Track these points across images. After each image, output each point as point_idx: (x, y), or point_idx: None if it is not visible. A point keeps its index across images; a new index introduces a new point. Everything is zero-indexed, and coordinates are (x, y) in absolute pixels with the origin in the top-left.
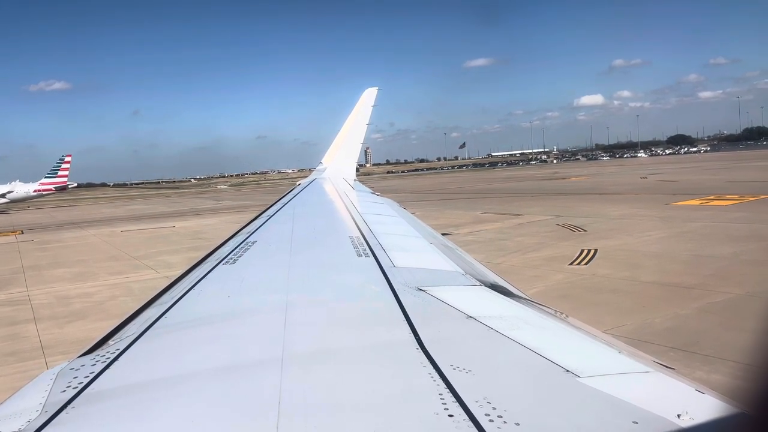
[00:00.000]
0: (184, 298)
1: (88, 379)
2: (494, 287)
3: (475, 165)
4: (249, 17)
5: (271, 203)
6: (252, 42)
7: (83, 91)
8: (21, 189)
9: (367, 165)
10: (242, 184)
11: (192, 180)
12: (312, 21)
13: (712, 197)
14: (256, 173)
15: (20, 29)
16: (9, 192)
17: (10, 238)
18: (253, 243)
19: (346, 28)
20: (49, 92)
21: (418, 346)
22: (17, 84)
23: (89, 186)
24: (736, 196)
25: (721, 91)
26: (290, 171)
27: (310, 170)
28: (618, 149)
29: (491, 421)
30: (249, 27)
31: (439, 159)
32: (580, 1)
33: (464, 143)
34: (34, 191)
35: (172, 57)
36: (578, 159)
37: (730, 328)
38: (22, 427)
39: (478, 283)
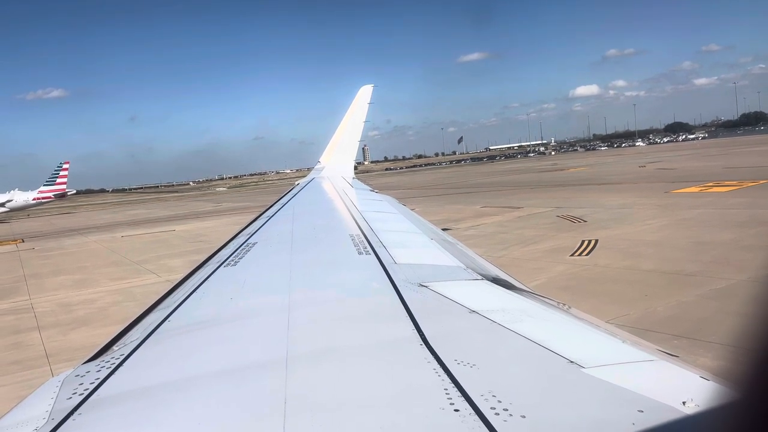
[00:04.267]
0: (186, 301)
1: (93, 386)
2: (496, 281)
3: (473, 159)
4: (242, 18)
5: (270, 204)
6: (246, 43)
7: (80, 98)
8: (20, 197)
9: (365, 163)
10: (241, 185)
11: (191, 183)
12: (305, 20)
13: (711, 184)
14: (255, 174)
15: (17, 38)
16: (8, 201)
17: (11, 247)
18: (254, 244)
19: (339, 27)
20: (47, 100)
21: (422, 342)
22: (14, 93)
23: (88, 192)
24: (735, 182)
25: (716, 78)
26: (288, 171)
27: (309, 170)
28: (616, 139)
29: (497, 414)
30: (242, 28)
31: (437, 154)
32: None
33: (461, 138)
34: (34, 199)
35: (168, 62)
36: (576, 150)
37: (732, 314)
38: None
39: (480, 277)
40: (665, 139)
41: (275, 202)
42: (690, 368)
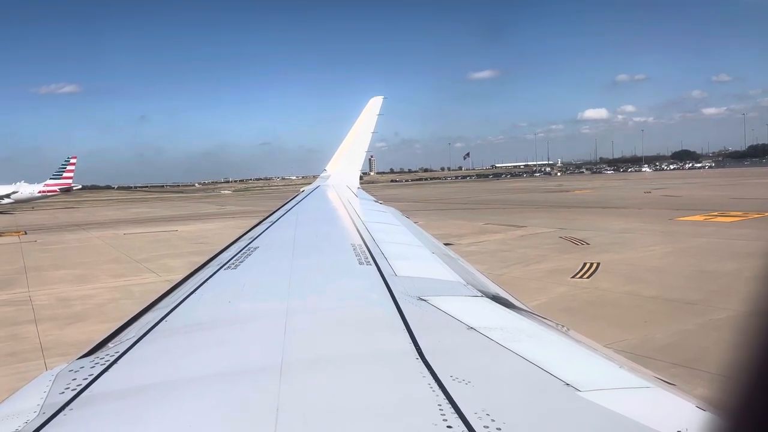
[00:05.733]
0: (184, 302)
1: (86, 381)
2: (496, 298)
3: (479, 176)
4: (256, 25)
5: (274, 209)
6: (258, 49)
7: (91, 94)
8: (26, 190)
9: (371, 173)
10: (246, 189)
11: (196, 185)
12: (318, 30)
13: (716, 213)
14: (260, 179)
15: (34, 32)
16: (14, 192)
17: (14, 239)
18: (256, 248)
19: (352, 37)
20: (58, 95)
21: (418, 356)
22: (26, 86)
23: (93, 188)
24: (740, 213)
25: (725, 108)
26: (294, 177)
27: (314, 177)
28: (622, 163)
29: None
30: (255, 35)
31: (443, 169)
32: (583, 16)
33: (468, 153)
34: (39, 192)
35: (180, 63)
36: (582, 172)
37: (732, 345)
38: (20, 428)
39: (479, 293)
40: (671, 167)
41: (279, 208)
42: (686, 397)
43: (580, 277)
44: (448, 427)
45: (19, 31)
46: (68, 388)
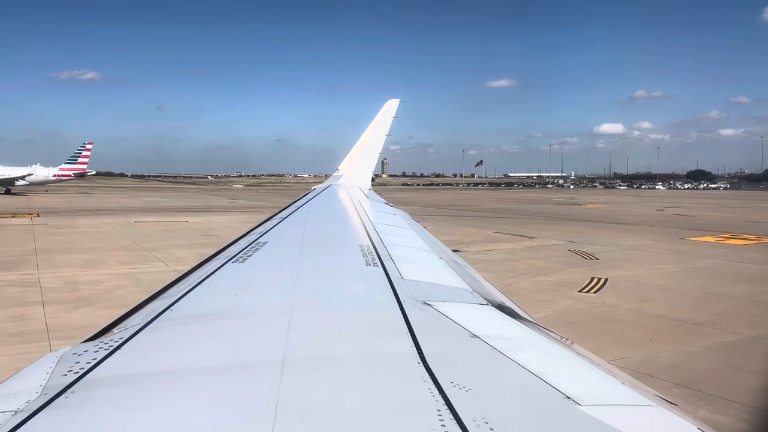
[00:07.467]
0: (191, 293)
1: (89, 365)
2: (501, 308)
3: (491, 184)
4: (277, 24)
5: (284, 206)
6: (278, 48)
7: (111, 82)
8: (41, 173)
9: (383, 175)
10: (258, 184)
11: (209, 177)
12: (338, 33)
13: (728, 235)
14: (273, 175)
15: (61, 18)
16: (29, 175)
17: (26, 220)
18: (264, 244)
19: (372, 41)
20: (80, 81)
21: (420, 361)
22: (50, 71)
23: (107, 175)
24: (752, 236)
25: (743, 130)
26: (306, 175)
27: (327, 176)
28: (636, 179)
29: None
30: (276, 33)
31: (455, 175)
32: (603, 31)
33: (481, 161)
34: (54, 176)
35: (201, 57)
36: (595, 186)
37: (737, 368)
38: (20, 408)
39: (485, 302)
40: (686, 186)
41: (290, 205)
42: (688, 418)
43: (587, 291)
44: None
45: (47, 17)
46: (71, 370)
